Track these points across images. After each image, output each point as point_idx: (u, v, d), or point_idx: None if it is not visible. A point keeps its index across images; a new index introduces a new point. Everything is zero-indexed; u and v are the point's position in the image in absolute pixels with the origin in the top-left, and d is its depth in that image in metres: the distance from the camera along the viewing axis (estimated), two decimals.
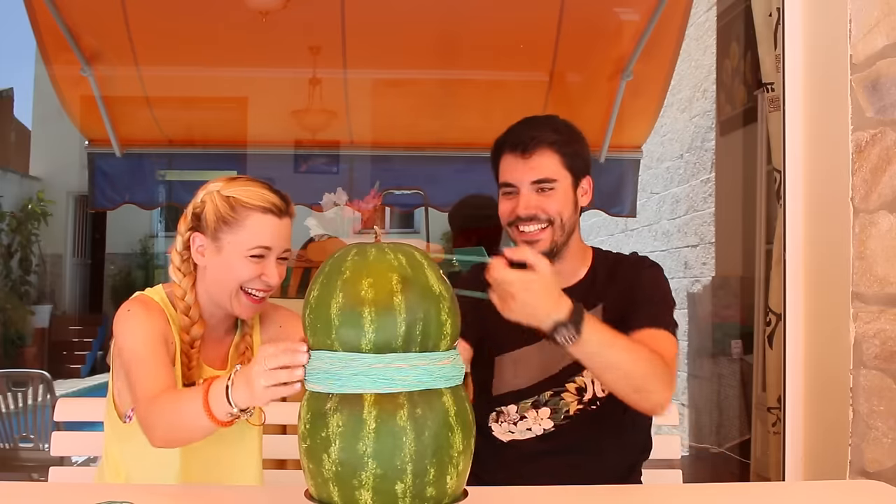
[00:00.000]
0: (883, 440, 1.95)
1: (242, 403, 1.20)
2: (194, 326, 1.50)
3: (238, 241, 1.46)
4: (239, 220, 1.46)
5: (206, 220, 1.48)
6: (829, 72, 2.10)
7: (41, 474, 3.61)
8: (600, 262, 1.71)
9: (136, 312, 1.46)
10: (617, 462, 1.66)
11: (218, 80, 4.82)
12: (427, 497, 1.03)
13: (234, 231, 1.46)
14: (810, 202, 2.18)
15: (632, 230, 6.71)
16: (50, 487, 1.61)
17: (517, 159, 1.62)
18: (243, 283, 1.47)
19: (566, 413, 1.63)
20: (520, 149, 1.61)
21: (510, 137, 1.64)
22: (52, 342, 9.50)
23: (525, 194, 1.61)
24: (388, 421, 1.02)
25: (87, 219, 10.99)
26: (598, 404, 1.62)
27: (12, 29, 6.47)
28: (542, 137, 1.62)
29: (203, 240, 1.49)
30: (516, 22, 4.36)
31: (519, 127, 1.66)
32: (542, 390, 1.64)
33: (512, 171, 1.63)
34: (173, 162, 5.14)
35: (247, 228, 1.46)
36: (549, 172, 1.61)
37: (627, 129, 4.90)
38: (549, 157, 1.61)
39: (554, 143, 1.62)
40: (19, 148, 10.43)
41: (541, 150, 1.61)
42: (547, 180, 1.61)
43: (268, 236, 1.46)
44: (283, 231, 1.49)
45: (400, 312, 1.03)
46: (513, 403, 1.66)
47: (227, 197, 1.47)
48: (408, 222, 10.90)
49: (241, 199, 1.46)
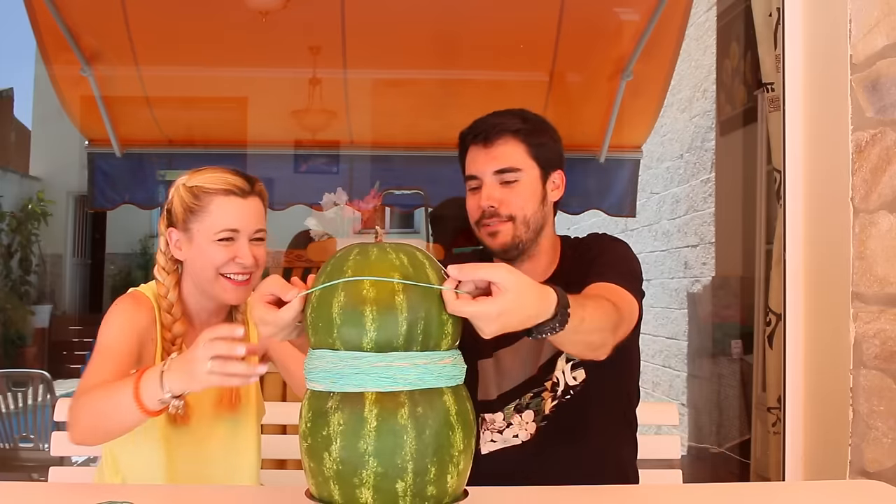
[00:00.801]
0: (883, 440, 1.95)
1: (177, 389, 1.21)
2: (176, 324, 1.51)
3: (205, 227, 1.48)
4: (203, 207, 1.48)
5: (175, 213, 1.50)
6: (829, 72, 2.10)
7: (41, 474, 3.61)
8: (566, 252, 1.65)
9: (123, 307, 1.49)
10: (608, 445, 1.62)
11: (218, 80, 4.81)
12: (428, 496, 1.04)
13: (199, 218, 1.48)
14: (810, 202, 2.18)
15: (632, 230, 6.70)
16: (50, 487, 1.61)
17: (479, 149, 1.56)
18: (218, 267, 1.48)
19: (543, 413, 1.57)
20: (481, 138, 1.55)
21: (473, 128, 1.58)
22: (52, 342, 9.49)
23: (488, 184, 1.54)
24: (389, 419, 1.02)
25: (86, 219, 10.99)
26: (571, 393, 1.57)
27: (12, 29, 6.45)
28: (504, 125, 1.55)
29: (178, 234, 1.51)
30: (516, 22, 4.36)
31: (483, 117, 1.60)
32: (524, 392, 1.58)
33: (474, 161, 1.57)
34: (173, 162, 5.13)
35: (211, 213, 1.47)
36: (512, 161, 1.54)
37: (627, 129, 4.89)
38: (513, 145, 1.55)
39: (518, 131, 1.55)
40: (19, 148, 10.43)
41: (504, 139, 1.55)
42: (510, 170, 1.54)
43: (232, 218, 1.47)
44: (250, 211, 1.49)
45: (401, 311, 1.03)
46: (499, 410, 1.60)
47: (190, 187, 1.49)
48: (408, 222, 10.89)
49: (203, 185, 1.48)
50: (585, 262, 1.55)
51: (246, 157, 4.98)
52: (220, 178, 1.49)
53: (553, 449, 1.58)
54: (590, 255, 1.57)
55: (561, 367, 1.57)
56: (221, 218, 1.47)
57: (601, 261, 1.52)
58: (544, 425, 1.58)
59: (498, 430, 1.60)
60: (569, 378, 1.56)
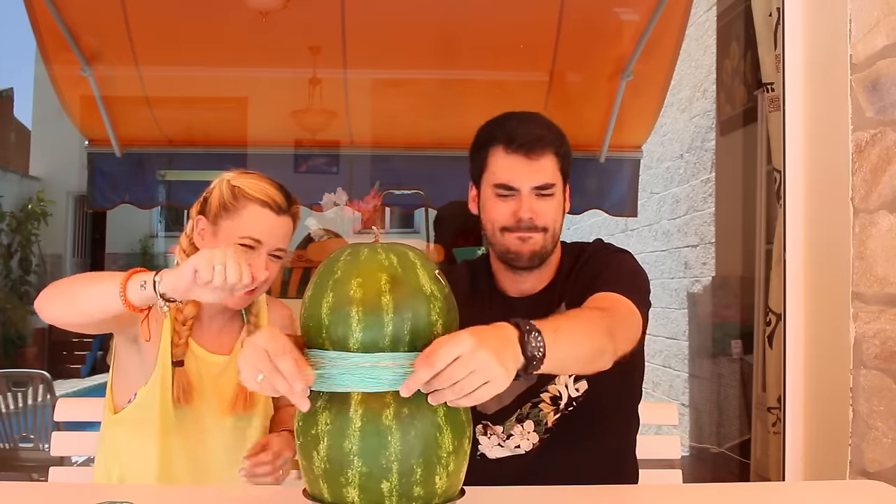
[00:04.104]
0: (883, 440, 1.95)
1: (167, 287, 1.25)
2: (188, 306, 1.53)
3: (233, 226, 1.50)
4: (237, 209, 1.50)
5: (211, 204, 1.54)
6: (829, 72, 2.10)
7: (41, 474, 3.61)
8: (566, 258, 1.62)
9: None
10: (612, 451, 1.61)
11: (218, 80, 4.81)
12: (415, 496, 1.04)
13: (231, 218, 1.51)
14: (810, 202, 2.18)
15: (632, 230, 6.70)
16: (50, 487, 1.61)
17: (520, 160, 1.50)
18: None
19: (546, 425, 1.56)
20: (525, 149, 1.50)
21: (510, 133, 1.52)
22: (52, 342, 9.49)
23: (527, 196, 1.51)
24: (374, 420, 1.02)
25: (86, 219, 11.00)
26: (574, 405, 1.56)
27: (12, 29, 6.46)
28: (546, 139, 1.52)
29: (205, 223, 1.54)
30: (516, 22, 4.36)
31: (516, 122, 1.54)
32: (523, 402, 1.57)
33: (514, 172, 1.51)
34: (173, 162, 5.13)
35: (243, 217, 1.50)
36: (551, 177, 1.52)
37: (627, 129, 4.89)
38: (551, 160, 1.52)
39: (552, 144, 1.53)
40: (19, 148, 10.44)
41: (546, 154, 1.51)
42: (548, 185, 1.52)
43: (259, 229, 1.50)
44: (280, 229, 1.52)
45: (387, 312, 1.04)
46: (499, 424, 1.59)
47: (233, 186, 1.53)
48: (408, 222, 10.90)
49: (244, 189, 1.52)
50: (588, 275, 1.53)
51: (246, 157, 4.98)
52: (263, 188, 1.52)
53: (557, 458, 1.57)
54: (591, 267, 1.55)
55: (563, 380, 1.56)
56: (250, 225, 1.50)
57: (604, 275, 1.50)
58: (547, 437, 1.57)
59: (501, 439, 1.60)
60: (571, 390, 1.56)
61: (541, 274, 1.59)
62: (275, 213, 1.51)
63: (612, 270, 1.51)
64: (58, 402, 1.83)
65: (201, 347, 1.56)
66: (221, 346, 1.59)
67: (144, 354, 1.51)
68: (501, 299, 1.62)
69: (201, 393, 1.53)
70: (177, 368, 1.51)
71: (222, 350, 1.59)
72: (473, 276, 1.67)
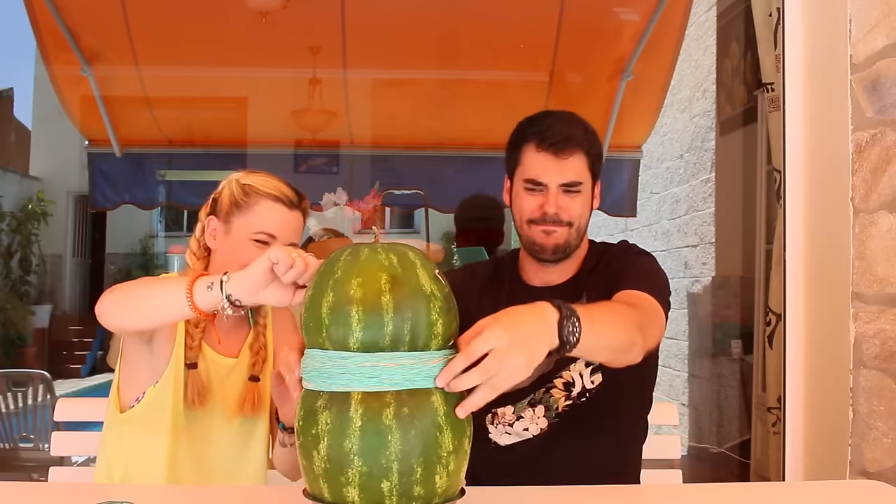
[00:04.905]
0: (883, 440, 1.95)
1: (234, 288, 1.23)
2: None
3: (246, 223, 1.52)
4: (249, 205, 1.53)
5: (221, 204, 1.56)
6: (829, 72, 2.10)
7: (41, 474, 3.62)
8: (591, 255, 1.69)
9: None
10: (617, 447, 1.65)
11: (218, 80, 4.82)
12: (415, 496, 1.04)
13: (243, 215, 1.53)
14: (810, 202, 2.19)
15: (632, 230, 6.71)
16: (50, 487, 1.61)
17: (549, 158, 1.59)
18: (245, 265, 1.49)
19: (556, 410, 1.61)
20: (554, 148, 1.59)
21: (542, 132, 1.61)
22: (52, 342, 9.50)
23: (554, 192, 1.59)
24: (374, 419, 1.02)
25: (87, 219, 11.00)
26: (587, 395, 1.60)
27: (12, 29, 6.46)
28: (576, 139, 1.60)
29: (216, 223, 1.56)
30: (516, 22, 4.36)
31: (550, 122, 1.62)
32: (536, 388, 1.61)
33: (543, 169, 1.60)
34: (173, 162, 5.14)
35: (255, 213, 1.52)
36: (578, 175, 1.60)
37: (627, 128, 4.90)
38: (580, 159, 1.60)
39: (582, 143, 1.60)
40: (19, 148, 10.44)
41: (575, 153, 1.59)
42: (575, 183, 1.60)
43: (274, 224, 1.52)
44: (292, 223, 1.55)
45: (387, 311, 1.04)
46: (509, 404, 1.63)
47: (243, 184, 1.55)
48: (408, 222, 10.90)
49: (255, 185, 1.54)
50: (611, 273, 1.59)
51: (246, 157, 4.99)
52: (273, 184, 1.55)
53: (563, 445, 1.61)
54: (615, 266, 1.62)
55: (578, 368, 1.60)
56: (263, 220, 1.52)
57: (627, 273, 1.56)
58: (556, 422, 1.61)
59: (509, 423, 1.63)
60: (587, 381, 1.61)
61: (565, 267, 1.67)
62: (287, 208, 1.53)
63: (636, 270, 1.58)
64: (58, 402, 1.83)
65: (210, 349, 1.56)
66: (229, 349, 1.59)
67: (156, 354, 1.51)
68: (524, 289, 1.68)
69: (211, 395, 1.53)
70: (190, 371, 1.51)
71: (230, 353, 1.59)
72: (498, 268, 1.76)
